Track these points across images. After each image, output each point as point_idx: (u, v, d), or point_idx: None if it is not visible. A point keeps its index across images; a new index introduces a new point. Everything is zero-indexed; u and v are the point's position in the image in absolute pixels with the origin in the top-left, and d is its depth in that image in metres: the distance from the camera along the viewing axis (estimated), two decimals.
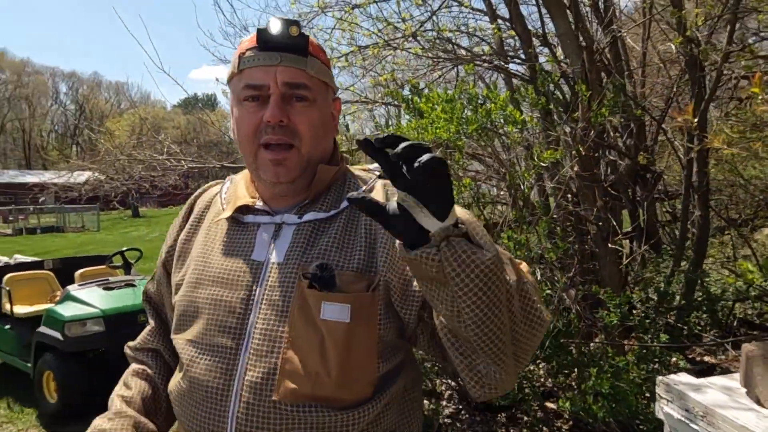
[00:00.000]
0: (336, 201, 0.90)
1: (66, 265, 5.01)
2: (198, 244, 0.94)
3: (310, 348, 0.79)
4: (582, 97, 2.55)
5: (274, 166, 0.85)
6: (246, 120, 0.86)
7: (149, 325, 1.07)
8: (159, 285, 1.05)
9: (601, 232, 2.84)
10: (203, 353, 0.84)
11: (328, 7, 4.89)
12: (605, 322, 2.68)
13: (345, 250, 0.84)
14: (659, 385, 1.30)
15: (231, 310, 0.84)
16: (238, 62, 0.86)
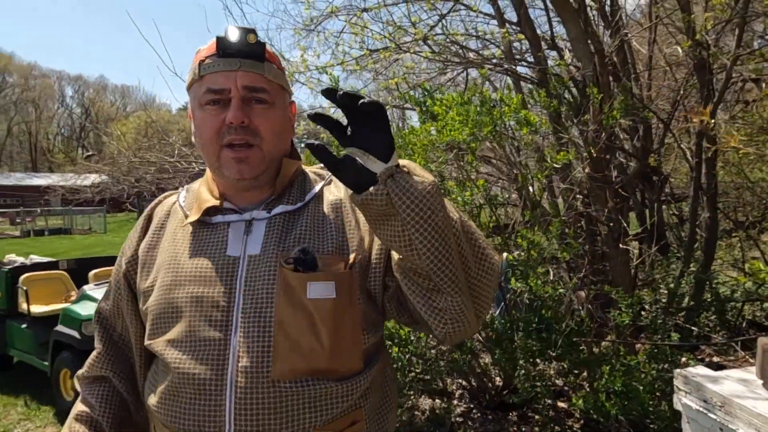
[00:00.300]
0: (300, 194, 0.96)
1: (80, 265, 5.08)
2: (164, 250, 0.96)
3: (300, 327, 0.84)
4: (594, 100, 2.59)
5: (237, 163, 0.89)
6: (208, 122, 0.90)
7: (96, 350, 1.05)
8: (116, 300, 1.04)
9: (612, 233, 2.88)
10: (190, 350, 0.85)
11: (338, 11, 4.97)
12: (617, 321, 2.72)
13: (318, 236, 0.90)
14: (677, 378, 1.34)
15: (214, 304, 0.86)
16: (199, 69, 0.91)
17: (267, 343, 0.83)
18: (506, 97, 2.39)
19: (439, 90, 3.25)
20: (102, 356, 1.04)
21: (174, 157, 6.06)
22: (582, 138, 2.68)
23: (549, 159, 2.45)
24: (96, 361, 1.04)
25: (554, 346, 2.63)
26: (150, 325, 0.92)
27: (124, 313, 1.02)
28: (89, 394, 1.02)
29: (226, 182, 0.94)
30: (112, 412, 1.01)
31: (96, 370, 1.03)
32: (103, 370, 1.03)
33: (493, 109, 2.42)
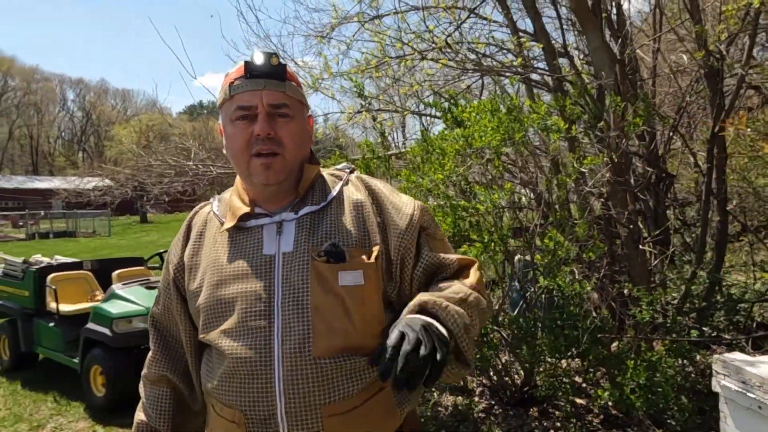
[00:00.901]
0: (322, 195, 1.09)
1: (103, 266, 5.19)
2: (206, 255, 1.08)
3: (334, 310, 0.98)
4: (617, 107, 2.73)
5: (264, 170, 1.02)
6: (239, 135, 1.03)
7: (151, 351, 1.19)
8: (166, 304, 1.16)
9: (632, 235, 3.01)
10: (240, 338, 0.98)
11: (347, 19, 5.09)
12: (638, 319, 2.84)
13: (342, 232, 1.03)
14: (716, 363, 1.46)
15: (257, 297, 0.99)
16: (229, 89, 1.04)
17: (306, 327, 0.96)
18: (535, 105, 2.52)
19: (463, 97, 3.38)
20: (158, 356, 1.18)
21: (191, 161, 6.18)
22: (605, 143, 2.81)
23: (576, 163, 2.57)
24: (154, 362, 1.18)
25: (578, 344, 2.75)
26: (203, 320, 1.04)
27: (174, 315, 1.15)
28: (148, 399, 1.17)
29: (255, 189, 1.07)
30: (169, 415, 1.16)
31: (155, 370, 1.17)
32: (161, 370, 1.17)
33: (522, 115, 2.55)
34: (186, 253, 1.12)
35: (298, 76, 1.12)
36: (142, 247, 15.95)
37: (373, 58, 4.51)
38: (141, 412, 1.19)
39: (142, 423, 1.18)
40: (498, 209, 2.95)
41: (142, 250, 14.67)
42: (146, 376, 1.20)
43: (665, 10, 5.04)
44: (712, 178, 4.02)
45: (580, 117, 2.81)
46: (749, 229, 4.73)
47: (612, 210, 3.01)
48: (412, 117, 6.01)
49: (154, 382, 1.18)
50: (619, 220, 3.00)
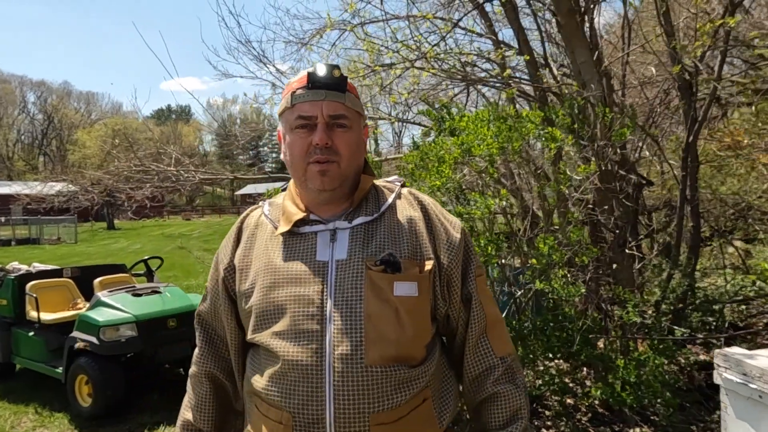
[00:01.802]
0: (375, 206, 1.12)
1: (84, 273, 5.08)
2: (258, 257, 1.10)
3: (387, 319, 1.00)
4: (605, 118, 2.87)
5: (320, 176, 1.05)
6: (298, 143, 1.07)
7: (198, 348, 1.23)
8: (214, 303, 1.19)
9: (618, 239, 3.15)
10: (293, 340, 0.99)
11: (333, 25, 5.15)
12: (624, 320, 2.98)
13: (395, 243, 1.06)
14: (717, 356, 1.58)
15: (310, 301, 1.01)
16: (291, 99, 1.08)
17: (359, 334, 0.98)
18: (531, 114, 2.63)
19: (456, 106, 3.48)
20: (204, 354, 1.22)
21: (171, 166, 6.11)
22: (593, 152, 2.94)
23: (568, 171, 2.69)
24: (201, 359, 1.22)
25: (571, 344, 2.87)
26: (254, 321, 1.06)
27: (220, 314, 1.18)
28: (196, 398, 1.21)
29: (310, 196, 1.10)
30: (214, 415, 1.21)
31: (203, 367, 1.21)
32: (208, 366, 1.21)
33: (520, 125, 2.66)
34: (237, 255, 1.15)
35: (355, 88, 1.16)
36: (112, 254, 15.54)
37: (362, 66, 4.57)
38: (188, 411, 1.22)
39: (188, 423, 1.21)
40: (492, 215, 3.05)
41: (113, 257, 14.30)
42: (194, 375, 1.22)
43: (633, 24, 5.28)
44: (687, 185, 4.24)
45: (570, 127, 2.93)
46: (720, 232, 4.99)
47: (599, 216, 3.15)
48: (397, 124, 6.09)
49: (201, 381, 1.21)
50: (606, 225, 3.14)
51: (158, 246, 17.40)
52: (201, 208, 49.61)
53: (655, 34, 5.13)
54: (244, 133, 14.33)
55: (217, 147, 63.54)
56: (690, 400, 3.35)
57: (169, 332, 4.12)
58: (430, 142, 3.23)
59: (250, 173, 40.56)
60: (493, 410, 1.09)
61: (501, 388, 1.09)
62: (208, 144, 69.96)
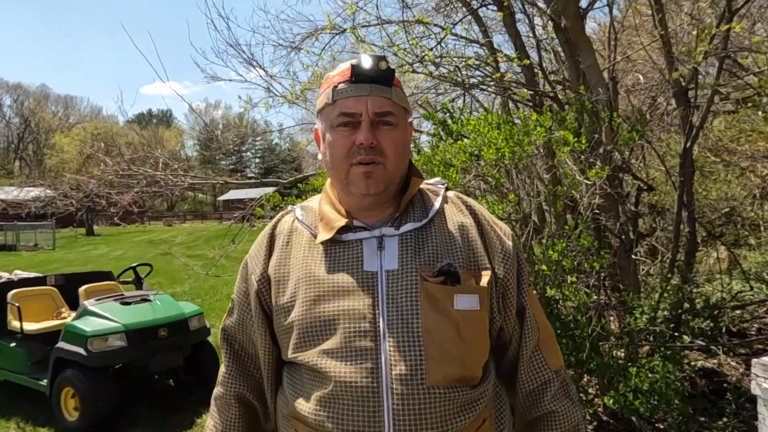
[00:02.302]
0: (423, 211, 1.03)
1: (69, 281, 4.89)
2: (296, 267, 1.00)
3: (448, 335, 0.91)
4: (613, 122, 2.83)
5: (365, 178, 0.96)
6: (340, 143, 0.97)
7: (225, 366, 1.12)
8: (242, 317, 1.09)
9: (624, 245, 3.12)
10: (345, 359, 0.90)
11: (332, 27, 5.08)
12: (632, 327, 2.94)
13: (450, 251, 0.98)
14: (755, 366, 1.52)
15: (362, 316, 0.92)
16: (332, 94, 0.98)
17: (419, 351, 0.89)
18: (541, 119, 2.59)
19: (459, 111, 3.43)
20: (232, 373, 1.11)
21: (159, 170, 5.95)
22: (600, 157, 2.91)
23: (578, 175, 2.65)
24: (229, 379, 1.11)
25: (579, 351, 2.81)
26: (297, 337, 0.96)
27: (250, 329, 1.08)
28: (222, 422, 1.10)
29: (352, 200, 1.01)
30: None
31: (232, 387, 1.10)
32: (236, 387, 1.10)
33: (529, 128, 2.60)
34: (271, 264, 1.04)
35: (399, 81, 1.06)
36: (92, 261, 15.15)
37: None
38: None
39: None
40: (501, 218, 2.99)
41: (93, 264, 13.94)
42: (221, 396, 1.12)
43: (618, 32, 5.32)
44: (684, 190, 4.25)
45: (578, 131, 2.89)
46: (715, 237, 5.02)
47: (604, 220, 3.11)
48: None
49: (229, 403, 1.11)
50: (612, 230, 3.11)
51: (140, 252, 17.03)
52: (183, 214, 48.87)
53: (648, 41, 5.18)
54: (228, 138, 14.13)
55: (198, 152, 62.85)
56: (697, 407, 3.32)
57: (160, 342, 3.97)
58: (434, 147, 3.17)
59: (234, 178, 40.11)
60: (551, 428, 1.02)
61: (558, 405, 1.02)
62: (189, 149, 69.25)
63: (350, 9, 3.92)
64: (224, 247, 5.05)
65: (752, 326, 4.80)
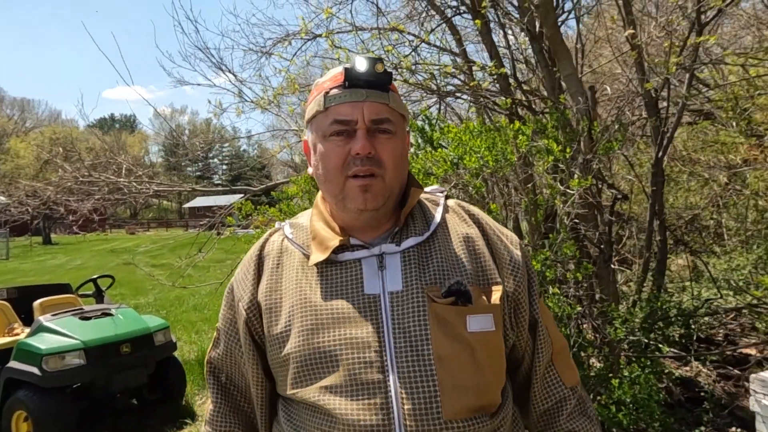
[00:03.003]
0: (424, 224, 0.95)
1: (22, 294, 4.59)
2: (289, 292, 0.92)
3: (462, 362, 0.84)
4: (593, 130, 2.82)
5: (362, 192, 0.88)
6: (334, 153, 0.89)
7: (213, 404, 1.02)
8: (230, 349, 1.00)
9: (603, 254, 3.11)
10: (351, 394, 0.82)
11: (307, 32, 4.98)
12: (613, 337, 2.92)
13: (456, 267, 0.90)
14: (754, 382, 1.48)
15: (366, 345, 0.84)
16: (324, 100, 0.90)
17: (432, 381, 0.81)
18: (524, 127, 2.55)
19: (435, 119, 3.37)
20: (221, 410, 1.01)
21: (123, 178, 5.70)
22: (579, 166, 2.89)
23: (559, 185, 2.62)
24: (216, 417, 1.00)
25: None
26: (294, 371, 0.87)
27: (238, 362, 0.98)
28: None
29: (347, 215, 0.93)
30: None
31: (222, 426, 1.00)
32: (227, 425, 1.00)
33: (509, 137, 2.56)
34: (261, 290, 0.94)
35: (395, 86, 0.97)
36: (49, 272, 14.48)
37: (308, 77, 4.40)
38: None
39: None
40: None
41: (50, 275, 13.33)
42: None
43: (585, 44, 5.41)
44: (656, 200, 4.31)
45: (558, 140, 2.87)
46: (685, 243, 5.11)
47: (584, 230, 3.09)
48: None
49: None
50: (591, 240, 3.09)
51: (101, 262, 16.40)
52: (147, 222, 47.47)
53: (614, 54, 5.28)
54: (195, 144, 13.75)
55: (164, 158, 61.42)
56: (675, 417, 3.33)
57: (122, 359, 3.74)
58: (412, 155, 3.09)
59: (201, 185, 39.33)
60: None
61: (576, 425, 0.95)
62: (154, 155, 67.65)
63: (325, 13, 3.82)
64: (192, 257, 4.85)
65: (718, 332, 4.90)
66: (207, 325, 7.15)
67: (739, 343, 4.61)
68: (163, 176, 47.51)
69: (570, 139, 2.88)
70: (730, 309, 4.24)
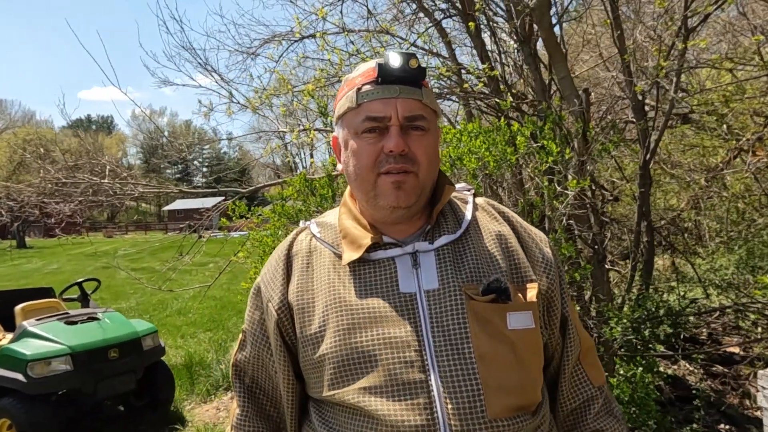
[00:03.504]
0: (455, 221, 0.94)
1: (3, 298, 4.46)
2: (322, 292, 0.90)
3: (504, 359, 0.83)
4: (588, 132, 2.85)
5: (395, 190, 0.87)
6: (366, 150, 0.88)
7: (239, 408, 0.98)
8: (258, 351, 0.97)
9: (597, 254, 3.14)
10: (393, 395, 0.80)
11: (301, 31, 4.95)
12: (608, 337, 2.95)
13: (492, 265, 0.89)
14: (761, 378, 1.51)
15: (406, 344, 0.82)
16: (356, 97, 0.88)
17: (474, 380, 0.81)
18: (523, 129, 2.56)
19: None
20: (249, 415, 0.97)
21: (106, 179, 5.57)
22: (575, 168, 2.92)
23: (557, 186, 2.64)
24: (244, 421, 0.97)
25: None
26: (331, 373, 0.85)
27: (267, 364, 0.96)
28: None
29: (379, 213, 0.91)
30: None
31: (249, 430, 0.97)
32: (256, 430, 0.97)
33: (506, 137, 2.57)
34: (291, 290, 0.92)
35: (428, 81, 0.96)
36: (24, 276, 14.10)
37: (324, 77, 4.38)
38: None
39: None
40: None
41: (27, 280, 12.98)
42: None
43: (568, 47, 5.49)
44: (644, 202, 4.38)
45: (553, 141, 2.89)
46: (671, 244, 5.21)
47: (578, 231, 3.12)
48: None
49: None
50: (585, 240, 3.12)
51: (79, 266, 16.03)
52: (125, 225, 46.59)
53: (596, 58, 5.36)
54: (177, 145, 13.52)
55: (142, 160, 60.46)
56: (673, 415, 3.38)
57: (110, 364, 3.65)
58: None
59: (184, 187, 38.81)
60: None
61: (603, 424, 0.95)
62: (132, 157, 66.57)
63: (320, 14, 3.80)
64: (179, 260, 4.77)
65: (702, 332, 5.00)
66: (193, 329, 7.04)
67: (723, 342, 4.72)
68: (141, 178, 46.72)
69: (565, 141, 2.91)
70: (714, 309, 4.32)
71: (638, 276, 3.78)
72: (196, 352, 5.50)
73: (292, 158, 35.89)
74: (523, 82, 5.07)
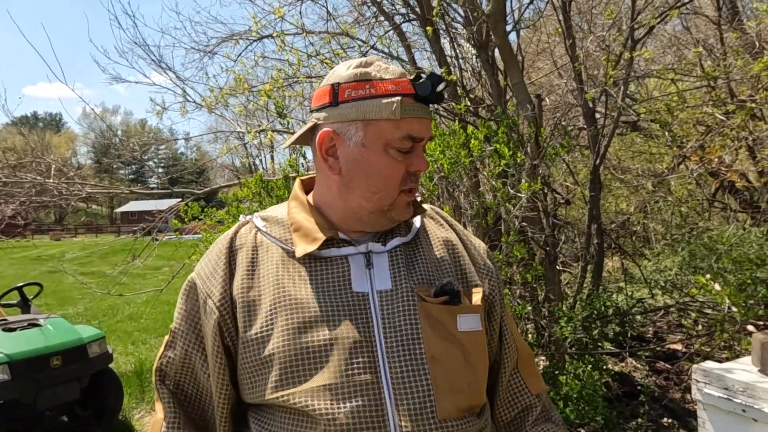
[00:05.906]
0: (405, 224, 0.95)
1: None
2: (269, 289, 0.86)
3: (454, 361, 0.84)
4: (540, 137, 2.93)
5: (407, 207, 0.91)
6: (395, 168, 0.86)
7: (165, 419, 0.89)
8: (188, 351, 0.91)
9: (549, 256, 3.23)
10: (343, 396, 0.79)
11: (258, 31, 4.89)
12: (558, 336, 3.03)
13: (441, 268, 0.91)
14: (695, 372, 1.58)
15: (357, 345, 0.81)
16: (401, 108, 0.83)
17: (425, 381, 0.81)
18: (477, 132, 2.61)
19: None
20: (179, 423, 0.89)
21: (51, 179, 5.32)
22: (527, 171, 3.00)
23: (509, 187, 2.70)
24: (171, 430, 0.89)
25: None
26: (278, 374, 0.81)
27: (195, 367, 0.90)
28: None
29: (374, 218, 0.90)
30: None
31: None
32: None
33: (461, 140, 2.61)
34: (235, 286, 0.87)
35: None
36: None
37: (282, 77, 4.33)
38: None
39: None
40: None
41: None
42: None
43: None
44: (594, 205, 4.54)
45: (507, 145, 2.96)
46: (620, 246, 5.41)
47: (531, 233, 3.20)
48: None
49: None
50: (538, 242, 3.21)
51: (22, 270, 15.23)
52: (74, 227, 44.61)
53: (551, 66, 5.54)
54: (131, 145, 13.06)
55: (93, 160, 58.17)
56: (618, 410, 3.50)
57: (52, 372, 3.48)
58: None
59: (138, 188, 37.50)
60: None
61: (541, 429, 0.95)
62: (83, 156, 63.96)
63: (277, 14, 3.76)
64: (130, 263, 4.61)
65: (648, 330, 5.22)
66: (145, 335, 6.80)
67: (667, 340, 4.94)
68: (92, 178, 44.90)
69: (518, 145, 2.98)
70: (659, 308, 4.52)
71: (589, 277, 3.90)
72: (148, 359, 5.32)
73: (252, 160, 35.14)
74: (481, 87, 5.18)
